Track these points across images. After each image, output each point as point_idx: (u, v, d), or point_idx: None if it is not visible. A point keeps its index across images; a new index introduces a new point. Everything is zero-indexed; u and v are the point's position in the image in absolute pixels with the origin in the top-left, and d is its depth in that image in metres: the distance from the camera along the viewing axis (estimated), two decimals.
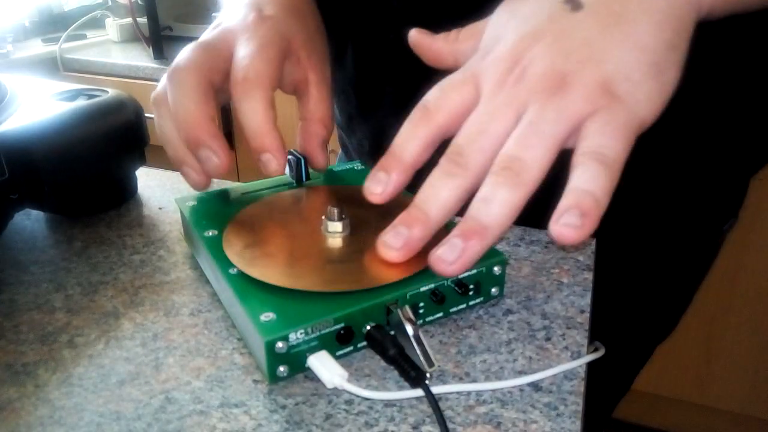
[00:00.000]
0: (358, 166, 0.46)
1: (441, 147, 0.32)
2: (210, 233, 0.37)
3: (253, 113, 0.35)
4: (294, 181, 0.42)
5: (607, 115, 0.27)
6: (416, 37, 0.37)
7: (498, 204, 0.28)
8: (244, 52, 0.36)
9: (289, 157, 0.41)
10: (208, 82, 0.36)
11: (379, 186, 0.32)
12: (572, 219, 0.26)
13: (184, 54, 0.38)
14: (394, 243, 0.31)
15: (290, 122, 0.47)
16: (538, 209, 0.30)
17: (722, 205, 0.54)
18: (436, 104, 0.31)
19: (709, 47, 0.43)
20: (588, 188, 0.27)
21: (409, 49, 0.37)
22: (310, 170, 0.43)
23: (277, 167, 0.36)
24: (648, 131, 0.47)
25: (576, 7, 0.30)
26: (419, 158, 0.31)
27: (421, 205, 0.30)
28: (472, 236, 0.29)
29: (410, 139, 0.31)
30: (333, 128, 0.43)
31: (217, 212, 0.39)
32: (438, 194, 0.30)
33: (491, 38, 0.32)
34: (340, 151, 0.68)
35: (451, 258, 0.29)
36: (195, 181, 0.39)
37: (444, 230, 0.35)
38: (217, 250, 0.35)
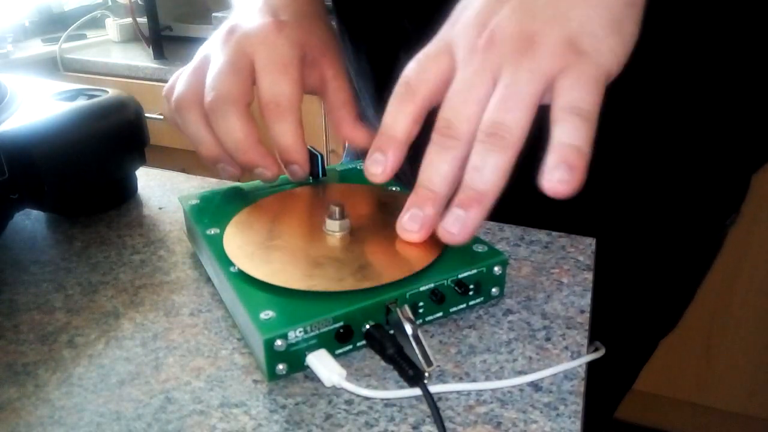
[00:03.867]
0: (360, 165, 0.46)
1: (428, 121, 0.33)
2: (212, 231, 0.37)
3: (285, 134, 0.39)
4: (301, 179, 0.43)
5: (576, 70, 0.29)
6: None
7: (490, 170, 0.29)
8: (270, 75, 0.39)
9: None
10: (246, 106, 0.39)
11: (378, 166, 0.33)
12: (563, 174, 0.28)
13: (219, 79, 0.39)
14: (412, 225, 0.32)
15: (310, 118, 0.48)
16: (535, 209, 0.31)
17: (724, 200, 0.54)
18: (417, 78, 0.32)
19: (712, 42, 0.43)
20: (571, 142, 0.28)
21: None
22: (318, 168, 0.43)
23: (303, 174, 0.41)
24: (650, 128, 0.47)
25: None
26: (410, 134, 0.33)
27: (427, 183, 0.31)
28: (472, 204, 0.30)
29: (399, 117, 0.32)
30: (358, 109, 0.44)
31: (219, 211, 0.39)
32: (439, 169, 0.31)
33: (460, 7, 0.33)
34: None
35: (457, 228, 0.30)
36: (231, 174, 0.42)
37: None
38: (218, 248, 0.35)
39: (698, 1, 0.41)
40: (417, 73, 0.32)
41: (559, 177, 0.28)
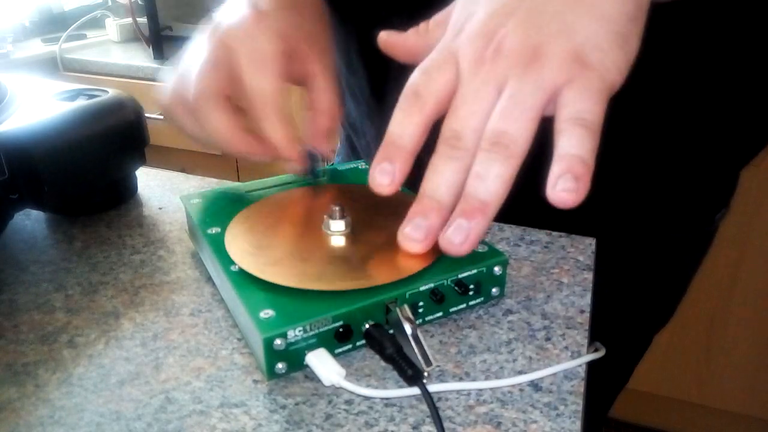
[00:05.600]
0: (362, 165, 0.46)
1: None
2: (213, 230, 0.37)
3: (270, 132, 0.39)
4: (299, 176, 0.43)
5: (581, 82, 0.29)
6: (386, 38, 0.38)
7: (493, 179, 0.29)
8: (249, 71, 0.39)
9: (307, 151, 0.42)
10: (228, 99, 0.39)
11: (386, 177, 0.32)
12: (568, 184, 0.28)
13: (199, 77, 0.39)
14: (417, 235, 0.32)
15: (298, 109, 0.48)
16: (535, 209, 0.31)
17: (714, 195, 0.55)
18: (424, 88, 0.32)
19: (702, 42, 0.43)
20: (576, 152, 0.28)
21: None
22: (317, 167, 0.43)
23: (300, 169, 0.42)
24: (642, 127, 0.47)
25: None
26: (418, 144, 0.32)
27: (432, 193, 0.31)
28: (475, 214, 0.30)
29: (407, 126, 0.32)
30: (340, 117, 0.44)
31: (221, 210, 0.39)
32: (445, 179, 0.31)
33: (462, 15, 0.33)
34: (338, 146, 0.68)
35: (460, 239, 0.30)
36: (258, 158, 0.42)
37: None
38: (219, 247, 0.35)
39: (689, 6, 0.42)
40: (424, 82, 0.32)
41: (564, 186, 0.28)
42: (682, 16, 0.42)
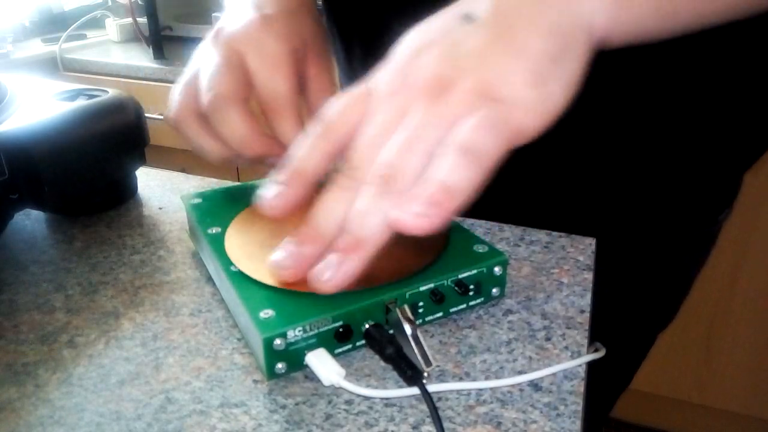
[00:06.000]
0: None
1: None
2: (213, 230, 0.37)
3: (286, 133, 0.39)
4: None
5: (483, 113, 0.28)
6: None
7: (374, 216, 0.28)
8: (263, 73, 0.39)
9: None
10: (244, 102, 0.39)
11: (279, 199, 0.31)
12: (418, 207, 0.26)
13: (214, 80, 0.39)
14: (287, 262, 0.31)
15: None
16: (535, 209, 0.30)
17: (717, 196, 0.55)
18: (334, 119, 0.32)
19: (705, 43, 0.43)
20: (442, 178, 0.27)
21: None
22: None
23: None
24: (645, 128, 0.47)
25: (469, 21, 0.30)
26: (319, 173, 0.32)
27: (315, 222, 0.30)
28: (349, 251, 0.29)
29: (313, 153, 0.31)
30: None
31: (221, 210, 0.39)
32: (333, 211, 0.30)
33: (391, 54, 0.33)
34: None
35: (328, 275, 0.29)
36: (273, 160, 0.41)
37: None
38: (219, 247, 0.35)
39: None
40: (337, 113, 0.32)
41: (414, 210, 0.26)
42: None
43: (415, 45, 0.31)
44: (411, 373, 0.28)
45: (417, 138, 0.28)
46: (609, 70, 0.42)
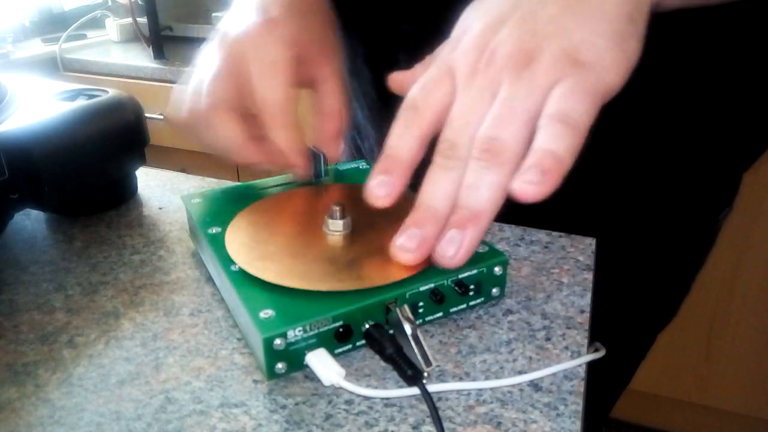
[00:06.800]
0: (362, 165, 0.46)
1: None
2: (213, 230, 0.37)
3: (281, 139, 0.39)
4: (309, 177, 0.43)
5: (573, 80, 0.29)
6: (396, 79, 0.38)
7: (485, 188, 0.29)
8: (261, 79, 0.39)
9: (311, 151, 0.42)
10: (234, 109, 0.39)
11: (384, 188, 0.32)
12: (532, 176, 0.27)
13: (209, 87, 0.39)
14: (410, 245, 0.31)
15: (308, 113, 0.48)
16: (535, 209, 0.31)
17: (717, 195, 0.55)
18: (422, 102, 0.32)
19: (705, 42, 0.43)
20: (549, 147, 0.28)
21: (422, 59, 0.37)
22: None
23: (305, 174, 0.42)
24: (645, 127, 0.47)
25: None
26: (416, 157, 0.32)
27: (428, 202, 0.31)
28: (467, 225, 0.30)
29: (406, 139, 0.32)
30: (347, 120, 0.44)
31: (221, 210, 0.39)
32: (442, 190, 0.30)
33: (459, 30, 0.33)
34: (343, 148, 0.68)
35: (453, 251, 0.30)
36: (268, 167, 0.42)
37: None
38: (219, 247, 0.35)
39: (693, 8, 0.42)
40: (422, 96, 0.32)
41: (527, 178, 0.27)
42: (686, 17, 0.42)
43: (489, 21, 0.32)
44: (411, 373, 0.28)
45: (512, 110, 0.29)
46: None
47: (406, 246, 0.31)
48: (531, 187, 0.27)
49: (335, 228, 0.35)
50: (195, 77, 0.41)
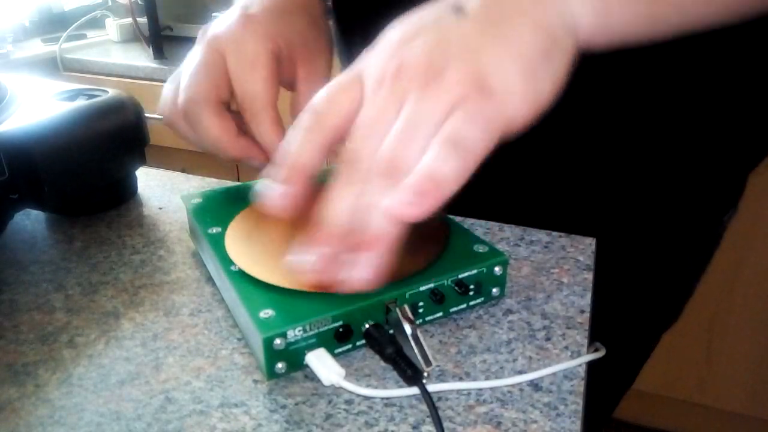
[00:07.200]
0: None
1: None
2: (213, 230, 0.37)
3: (262, 135, 0.39)
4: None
5: (475, 105, 0.28)
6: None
7: (381, 211, 0.28)
8: (240, 74, 0.39)
9: None
10: (217, 104, 0.39)
11: (280, 199, 0.31)
12: (406, 196, 0.27)
13: (189, 82, 0.39)
14: (314, 264, 0.30)
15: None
16: (535, 209, 0.30)
17: (722, 197, 0.54)
18: (325, 108, 0.31)
19: (708, 43, 0.43)
20: (432, 169, 0.27)
21: None
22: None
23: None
24: (648, 128, 0.47)
25: (459, 12, 0.30)
26: (317, 164, 0.31)
27: (333, 220, 0.29)
28: (371, 246, 0.28)
29: (306, 146, 0.31)
30: None
31: (221, 210, 0.39)
32: (345, 205, 0.29)
33: (380, 41, 0.32)
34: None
35: (359, 274, 0.29)
36: (254, 162, 0.42)
37: (437, 229, 0.35)
38: (219, 247, 0.35)
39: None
40: (326, 102, 0.31)
41: (403, 198, 0.27)
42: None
43: (405, 32, 0.31)
44: (411, 373, 0.28)
45: (415, 128, 0.28)
46: (611, 69, 0.42)
47: (307, 267, 0.30)
48: (403, 207, 0.27)
49: None
50: (178, 74, 0.42)
